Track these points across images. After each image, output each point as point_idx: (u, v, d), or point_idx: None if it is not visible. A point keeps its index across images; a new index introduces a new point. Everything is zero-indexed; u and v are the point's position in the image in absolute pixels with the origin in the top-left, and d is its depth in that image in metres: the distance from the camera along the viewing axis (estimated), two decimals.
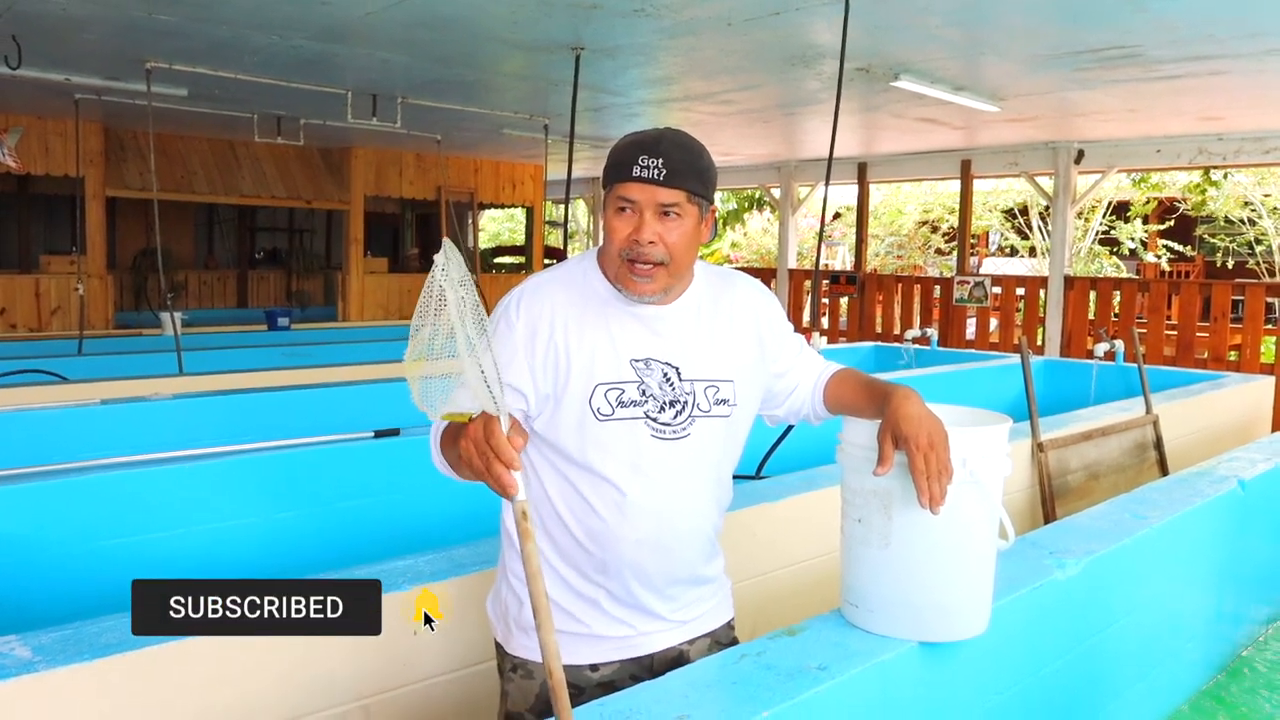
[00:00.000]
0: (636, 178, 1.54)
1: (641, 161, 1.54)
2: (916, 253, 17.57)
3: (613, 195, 1.58)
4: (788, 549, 2.90)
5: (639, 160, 1.54)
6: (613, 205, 1.58)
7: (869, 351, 8.01)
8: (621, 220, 1.57)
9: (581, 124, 8.24)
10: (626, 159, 1.56)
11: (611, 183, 1.58)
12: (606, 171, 1.60)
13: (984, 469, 1.62)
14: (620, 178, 1.56)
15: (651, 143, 1.56)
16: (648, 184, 1.54)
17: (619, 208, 1.57)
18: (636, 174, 1.54)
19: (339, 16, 5.17)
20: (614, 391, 1.57)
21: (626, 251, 1.56)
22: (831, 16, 4.85)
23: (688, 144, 1.58)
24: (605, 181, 1.61)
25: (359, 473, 3.60)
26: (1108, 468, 4.46)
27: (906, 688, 1.72)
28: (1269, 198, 13.85)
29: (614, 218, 1.58)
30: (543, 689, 1.65)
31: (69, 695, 1.64)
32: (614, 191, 1.57)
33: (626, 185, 1.55)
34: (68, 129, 8.89)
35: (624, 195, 1.55)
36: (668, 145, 1.55)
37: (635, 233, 1.55)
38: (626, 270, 1.57)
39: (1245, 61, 5.70)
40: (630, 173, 1.54)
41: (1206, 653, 3.11)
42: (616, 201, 1.57)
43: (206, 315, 11.38)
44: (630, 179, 1.54)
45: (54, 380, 5.31)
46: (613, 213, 1.58)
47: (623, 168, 1.56)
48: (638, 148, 1.55)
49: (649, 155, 1.54)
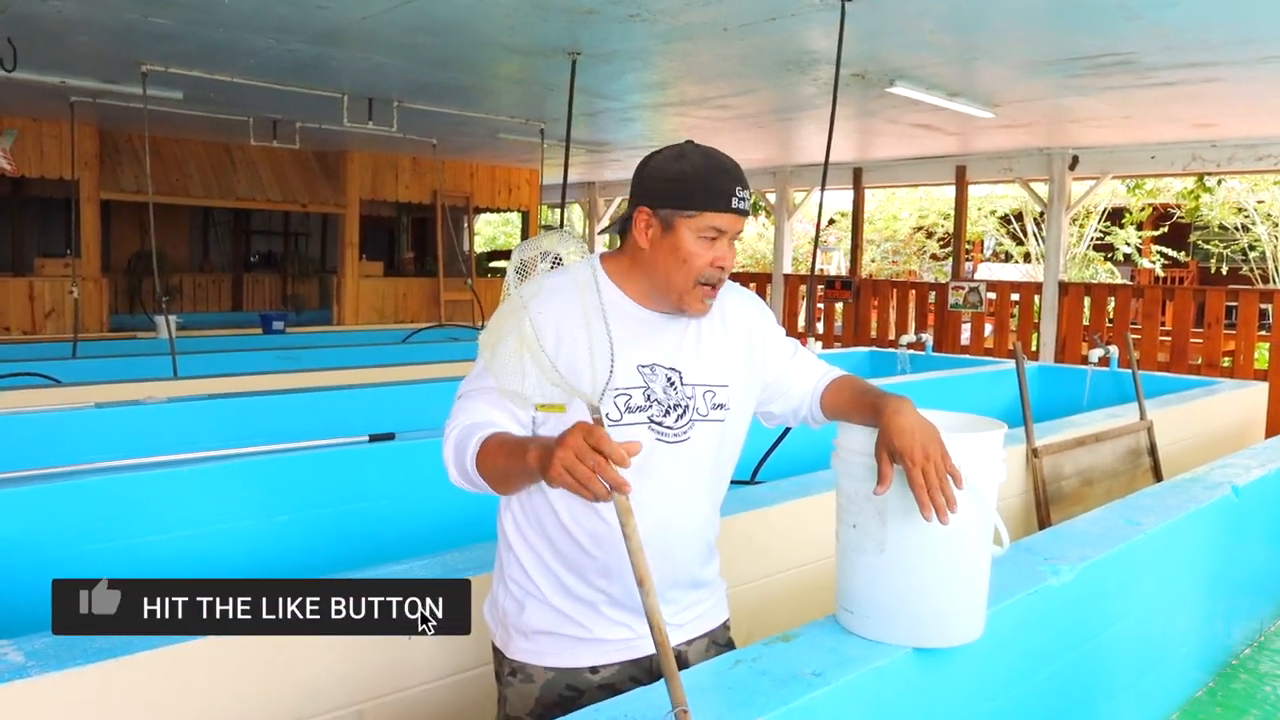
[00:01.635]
0: (735, 209, 1.57)
1: (738, 193, 1.57)
2: (912, 258, 17.60)
3: (700, 222, 1.57)
4: (783, 554, 2.90)
5: (735, 192, 1.57)
6: (697, 230, 1.57)
7: (864, 357, 8.01)
8: (704, 246, 1.58)
9: (577, 128, 8.25)
10: (723, 188, 1.57)
11: (702, 209, 1.57)
12: (688, 195, 1.57)
13: (979, 475, 1.62)
14: (717, 207, 1.56)
15: (737, 172, 1.59)
16: (740, 215, 1.58)
17: (708, 236, 1.58)
18: (735, 206, 1.57)
19: (335, 20, 5.17)
20: (622, 397, 1.59)
21: (707, 276, 1.59)
22: (827, 22, 4.87)
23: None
24: (687, 205, 1.57)
25: (354, 477, 3.59)
26: (1102, 473, 4.47)
27: (901, 693, 1.72)
28: (1262, 204, 13.90)
29: (697, 244, 1.58)
30: (542, 692, 1.66)
31: (63, 701, 1.63)
32: (704, 219, 1.57)
33: (722, 216, 1.57)
34: (63, 131, 8.88)
35: (718, 225, 1.57)
36: (743, 174, 1.60)
37: (719, 260, 1.59)
38: (699, 294, 1.61)
39: (1238, 69, 5.72)
40: (730, 204, 1.57)
41: (1200, 658, 3.11)
42: (706, 230, 1.57)
43: (201, 319, 11.36)
44: (729, 210, 1.57)
45: (48, 383, 5.29)
46: (695, 238, 1.58)
47: (720, 197, 1.56)
48: (731, 178, 1.58)
49: (742, 187, 1.58)
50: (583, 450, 1.28)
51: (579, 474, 1.28)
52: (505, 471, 1.47)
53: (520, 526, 1.68)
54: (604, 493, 1.29)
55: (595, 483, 1.28)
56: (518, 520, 1.69)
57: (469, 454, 1.51)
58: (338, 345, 8.52)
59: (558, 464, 1.30)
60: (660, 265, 1.60)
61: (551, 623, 1.66)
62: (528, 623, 1.67)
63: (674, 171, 1.59)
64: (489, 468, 1.49)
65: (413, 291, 12.04)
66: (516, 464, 1.43)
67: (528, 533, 1.68)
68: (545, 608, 1.66)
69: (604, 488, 1.29)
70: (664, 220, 1.59)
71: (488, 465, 1.49)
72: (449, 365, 6.62)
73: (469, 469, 1.51)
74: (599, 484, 1.29)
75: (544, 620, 1.66)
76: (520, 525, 1.69)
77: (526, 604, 1.67)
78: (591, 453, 1.28)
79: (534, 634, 1.67)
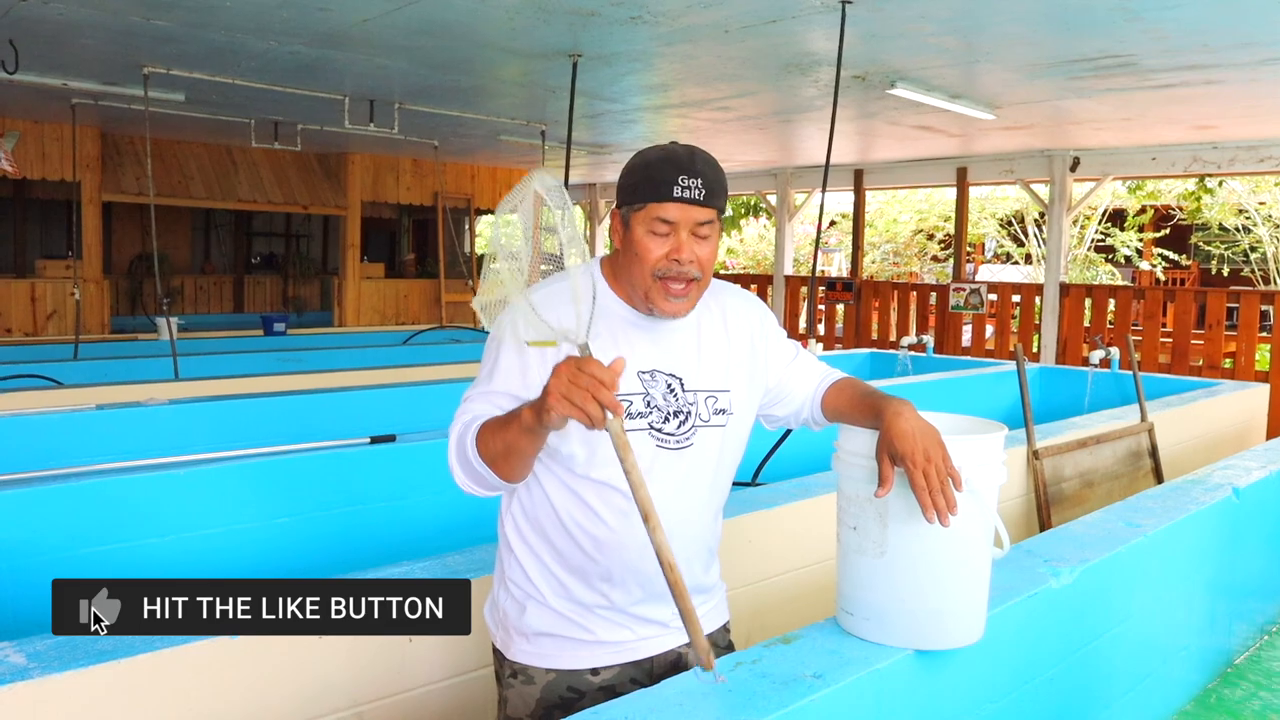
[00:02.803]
0: (678, 198, 1.52)
1: (682, 181, 1.52)
2: (912, 260, 17.60)
3: (646, 214, 1.54)
4: (783, 556, 2.90)
5: (679, 180, 1.52)
6: (645, 224, 1.55)
7: (865, 358, 8.01)
8: (656, 240, 1.55)
9: (578, 130, 8.26)
10: (664, 177, 1.53)
11: (645, 201, 1.54)
12: (635, 188, 1.56)
13: (979, 477, 1.62)
14: (658, 196, 1.53)
15: (687, 161, 1.53)
16: (688, 204, 1.53)
17: (654, 229, 1.54)
18: (678, 194, 1.52)
19: (337, 22, 5.18)
20: (622, 403, 1.58)
21: (662, 270, 1.55)
22: (828, 24, 4.87)
23: (713, 161, 1.58)
24: (633, 199, 1.56)
25: (355, 479, 3.59)
26: (1103, 475, 4.46)
27: (902, 696, 1.72)
28: (1263, 205, 13.90)
29: (646, 237, 1.55)
30: (543, 694, 1.66)
31: (63, 702, 1.63)
32: (649, 211, 1.54)
33: (665, 206, 1.53)
34: (64, 134, 8.90)
35: (662, 216, 1.53)
36: (701, 164, 1.54)
37: (675, 252, 1.54)
38: (660, 289, 1.56)
39: (1239, 71, 5.72)
40: (671, 192, 1.52)
41: (1200, 661, 3.11)
42: (652, 222, 1.54)
43: (202, 320, 11.39)
44: (671, 199, 1.52)
45: (49, 385, 5.29)
46: (644, 232, 1.55)
47: (661, 186, 1.53)
48: (674, 166, 1.53)
49: (688, 175, 1.52)
50: (575, 375, 1.31)
51: (575, 397, 1.31)
52: (505, 445, 1.45)
53: (521, 529, 1.68)
54: (599, 415, 1.31)
55: (591, 403, 1.31)
56: (519, 523, 1.69)
57: (469, 444, 1.49)
58: (339, 347, 8.52)
59: (554, 393, 1.32)
60: (625, 264, 1.60)
61: (552, 625, 1.66)
62: (529, 625, 1.67)
63: (628, 168, 1.59)
64: (489, 448, 1.47)
65: (414, 293, 12.05)
66: (514, 429, 1.42)
67: (529, 536, 1.67)
68: (546, 610, 1.66)
69: (599, 410, 1.31)
70: (623, 219, 1.59)
71: (487, 446, 1.47)
72: (450, 367, 6.62)
73: (471, 458, 1.49)
74: (594, 405, 1.31)
75: (545, 622, 1.66)
76: (521, 528, 1.68)
77: (527, 606, 1.67)
78: (583, 375, 1.31)
79: (535, 636, 1.67)
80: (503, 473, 1.49)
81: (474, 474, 1.51)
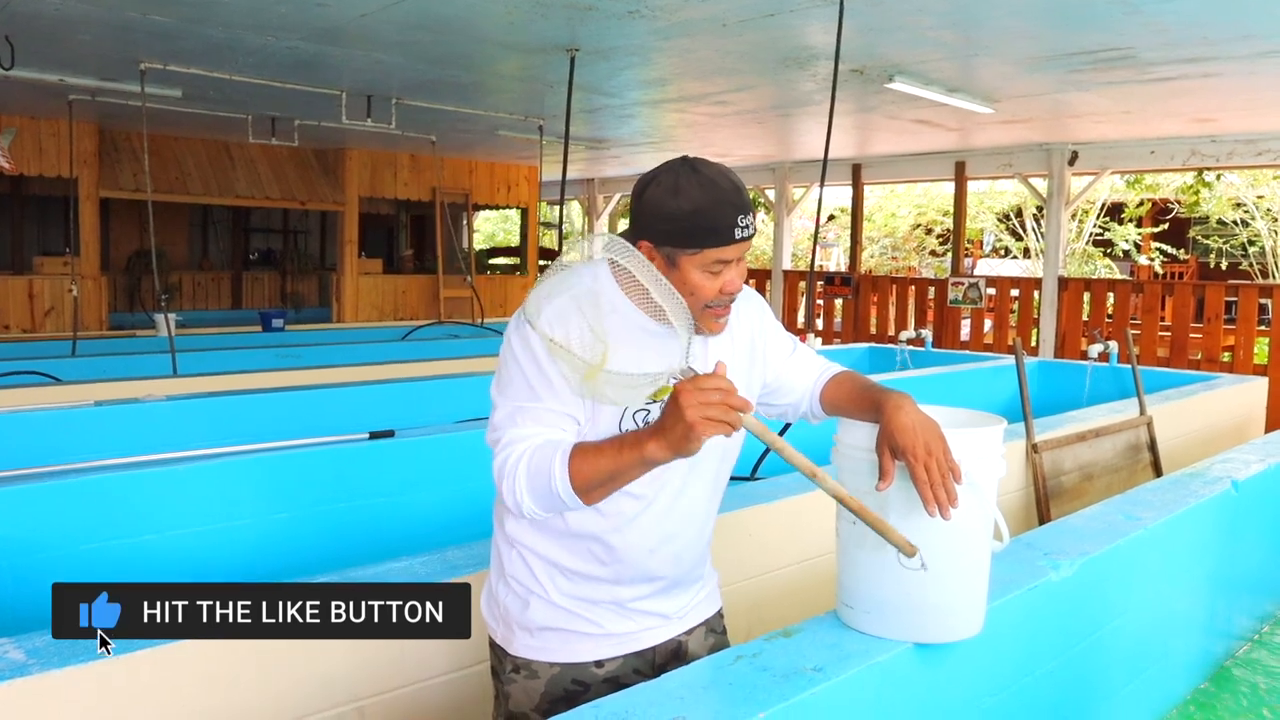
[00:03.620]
0: (739, 239, 1.52)
1: (740, 223, 1.52)
2: (911, 254, 17.60)
3: (704, 258, 1.52)
4: (783, 550, 2.91)
5: (738, 222, 1.51)
6: (702, 267, 1.52)
7: (864, 353, 8.01)
8: (711, 279, 1.54)
9: (576, 125, 8.25)
10: (724, 222, 1.50)
11: (702, 246, 1.51)
12: (690, 233, 1.50)
13: (979, 471, 1.62)
14: (721, 241, 1.51)
15: (738, 198, 1.52)
16: (745, 242, 1.54)
17: (712, 270, 1.53)
18: (739, 236, 1.52)
19: (334, 18, 5.16)
20: (641, 413, 1.57)
21: (716, 303, 1.56)
22: (826, 18, 4.86)
23: (743, 185, 1.57)
24: (689, 244, 1.51)
25: (353, 474, 3.59)
26: (1102, 469, 4.47)
27: (902, 689, 1.73)
28: (1262, 199, 13.90)
29: (702, 278, 1.53)
30: (547, 687, 1.66)
31: (63, 698, 1.63)
32: (707, 255, 1.51)
33: (726, 249, 1.52)
34: (61, 130, 8.88)
35: (722, 258, 1.52)
36: (745, 195, 1.54)
37: (728, 286, 1.55)
38: (710, 316, 1.58)
39: (1237, 64, 5.72)
40: (733, 235, 1.51)
41: (1200, 653, 3.12)
42: (710, 264, 1.52)
43: (201, 316, 11.37)
44: (733, 241, 1.52)
45: (48, 381, 5.29)
46: (700, 274, 1.53)
47: (723, 232, 1.50)
48: (731, 208, 1.51)
49: (743, 214, 1.52)
50: (702, 394, 1.33)
51: (714, 413, 1.33)
52: (612, 473, 1.43)
53: (524, 526, 1.65)
54: (738, 420, 1.35)
55: (730, 413, 1.34)
56: (521, 520, 1.64)
57: (556, 473, 1.44)
58: (337, 343, 8.53)
59: (695, 421, 1.33)
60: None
61: (557, 619, 1.65)
62: (532, 620, 1.66)
63: (673, 210, 1.51)
64: (586, 476, 1.43)
65: (412, 289, 12.03)
66: (628, 459, 1.41)
67: (535, 534, 1.65)
68: (550, 605, 1.65)
69: (738, 416, 1.35)
70: (667, 257, 1.53)
71: (584, 475, 1.43)
72: (448, 362, 6.62)
73: (556, 487, 1.44)
74: (733, 413, 1.34)
75: (549, 617, 1.65)
76: (524, 525, 1.65)
77: (530, 601, 1.66)
78: (708, 391, 1.33)
79: (539, 630, 1.66)
80: (591, 499, 1.47)
81: (551, 501, 1.47)
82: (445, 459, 3.75)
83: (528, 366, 1.53)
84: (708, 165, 1.55)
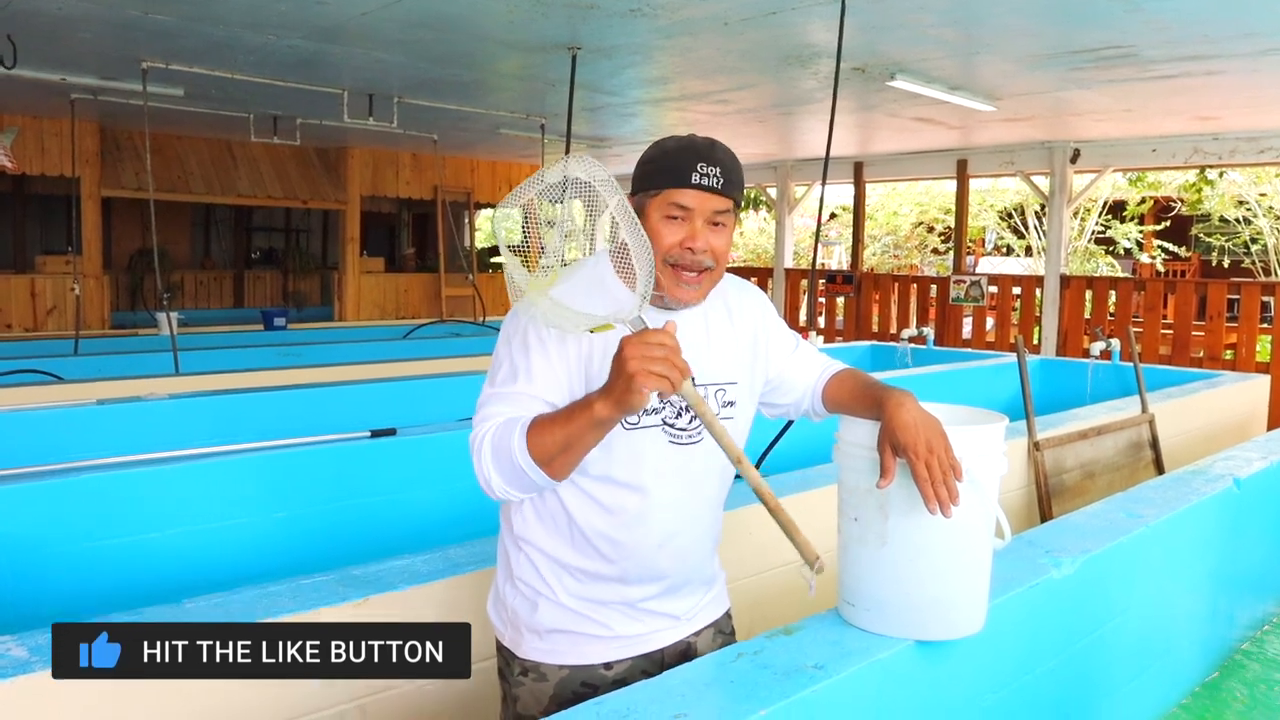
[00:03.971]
0: (696, 185, 1.51)
1: (700, 169, 1.51)
2: (913, 252, 17.59)
3: (662, 200, 1.54)
4: (785, 548, 2.89)
5: (697, 167, 1.51)
6: (661, 210, 1.54)
7: (865, 351, 8.01)
8: (670, 226, 1.54)
9: (578, 124, 8.25)
10: (682, 164, 1.52)
11: (662, 187, 1.54)
12: (653, 174, 1.55)
13: (980, 468, 1.62)
14: (676, 183, 1.52)
15: (706, 150, 1.53)
16: (705, 191, 1.52)
17: (670, 215, 1.54)
18: (696, 181, 1.51)
19: (335, 16, 5.16)
20: None
21: (675, 257, 1.54)
22: (827, 16, 4.86)
23: (732, 152, 1.58)
24: (650, 184, 1.55)
25: (355, 473, 3.59)
26: (1103, 467, 4.47)
27: (903, 686, 1.72)
28: (1264, 197, 13.88)
29: (661, 223, 1.54)
30: (556, 690, 1.65)
31: (65, 697, 1.63)
32: (665, 197, 1.53)
33: (682, 192, 1.52)
34: (63, 129, 8.88)
35: (679, 202, 1.53)
36: (720, 153, 1.54)
37: (689, 240, 1.54)
38: (672, 276, 1.56)
39: (1240, 61, 5.71)
40: (689, 179, 1.51)
41: (1202, 651, 3.11)
42: (668, 208, 1.53)
43: (203, 315, 11.38)
44: (689, 185, 1.51)
45: (50, 380, 5.30)
46: (660, 218, 1.54)
47: (679, 173, 1.52)
48: (693, 153, 1.52)
49: (706, 163, 1.52)
50: (646, 347, 1.32)
51: (657, 366, 1.32)
52: (566, 438, 1.41)
53: (530, 527, 1.65)
54: (679, 378, 1.34)
55: (672, 368, 1.32)
56: (527, 520, 1.65)
57: (515, 445, 1.43)
58: (339, 341, 8.53)
59: (637, 371, 1.31)
60: None
61: (566, 621, 1.64)
62: (541, 622, 1.65)
63: (647, 156, 1.58)
64: (543, 446, 1.42)
65: (414, 287, 12.04)
66: (579, 422, 1.39)
67: (539, 535, 1.65)
68: (559, 607, 1.64)
69: (679, 373, 1.34)
70: (638, 205, 1.57)
71: (541, 444, 1.42)
72: (450, 361, 6.63)
73: (518, 460, 1.43)
74: (675, 369, 1.33)
75: (558, 619, 1.64)
76: (530, 525, 1.65)
77: (539, 603, 1.65)
78: (653, 345, 1.32)
79: (548, 633, 1.65)
80: (554, 471, 1.45)
81: (517, 477, 1.45)
82: (447, 457, 3.75)
83: (515, 353, 1.56)
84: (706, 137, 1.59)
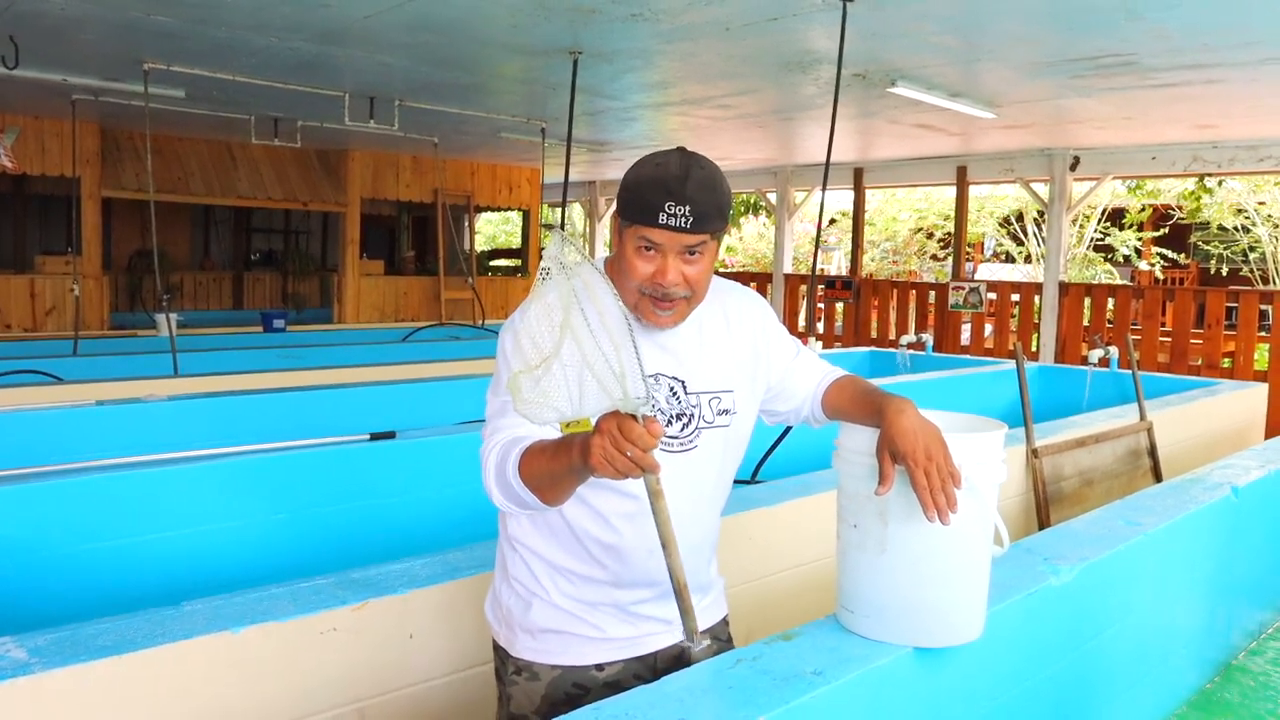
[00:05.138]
0: (663, 225, 1.49)
1: (668, 209, 1.48)
2: (912, 258, 17.61)
3: (634, 233, 1.52)
4: (784, 554, 2.91)
5: (665, 207, 1.48)
6: (633, 242, 1.53)
7: (864, 357, 8.02)
8: (642, 258, 1.53)
9: (579, 127, 8.26)
10: (652, 203, 1.49)
11: (632, 221, 1.52)
12: (626, 205, 1.53)
13: (979, 475, 1.62)
14: (644, 221, 1.50)
15: (677, 186, 1.49)
16: (674, 232, 1.50)
17: (641, 247, 1.52)
18: (663, 221, 1.49)
19: (337, 19, 5.17)
20: None
21: (648, 289, 1.54)
22: (829, 23, 4.87)
23: (711, 182, 1.52)
24: (624, 215, 1.54)
25: (354, 475, 3.59)
26: (1102, 474, 4.47)
27: (902, 693, 1.73)
28: (1263, 205, 13.90)
29: (634, 255, 1.53)
30: (548, 690, 1.66)
31: (65, 697, 1.64)
32: (636, 230, 1.52)
33: (651, 230, 1.50)
34: (64, 129, 8.88)
35: (647, 238, 1.51)
36: (693, 188, 1.49)
37: (659, 275, 1.52)
38: (647, 304, 1.55)
39: (1240, 70, 5.72)
40: (656, 219, 1.49)
41: (1200, 659, 3.12)
42: (639, 240, 1.52)
43: (202, 317, 11.37)
44: (655, 225, 1.49)
45: (49, 381, 5.29)
46: (633, 249, 1.53)
47: (647, 212, 1.49)
48: (663, 191, 1.49)
49: (675, 202, 1.48)
50: (617, 440, 1.30)
51: (618, 464, 1.30)
52: (550, 474, 1.42)
53: (525, 529, 1.67)
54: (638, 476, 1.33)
55: (634, 470, 1.31)
56: (523, 522, 1.67)
57: (510, 468, 1.45)
58: (338, 344, 8.52)
59: (598, 459, 1.31)
60: (616, 274, 1.57)
61: (559, 621, 1.65)
62: (534, 622, 1.66)
63: (624, 181, 1.56)
64: (532, 474, 1.44)
65: (413, 290, 12.04)
66: (562, 463, 1.39)
67: (535, 535, 1.66)
68: (552, 607, 1.66)
69: (640, 474, 1.32)
70: (619, 228, 1.57)
71: (531, 472, 1.44)
72: (450, 364, 6.63)
73: (511, 482, 1.46)
74: (636, 470, 1.31)
75: (551, 619, 1.66)
76: (525, 528, 1.67)
77: (533, 603, 1.67)
78: (625, 443, 1.30)
79: (540, 633, 1.66)
80: (545, 499, 1.47)
81: (514, 496, 1.48)
82: (446, 460, 3.76)
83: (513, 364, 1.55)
84: (690, 155, 1.55)
